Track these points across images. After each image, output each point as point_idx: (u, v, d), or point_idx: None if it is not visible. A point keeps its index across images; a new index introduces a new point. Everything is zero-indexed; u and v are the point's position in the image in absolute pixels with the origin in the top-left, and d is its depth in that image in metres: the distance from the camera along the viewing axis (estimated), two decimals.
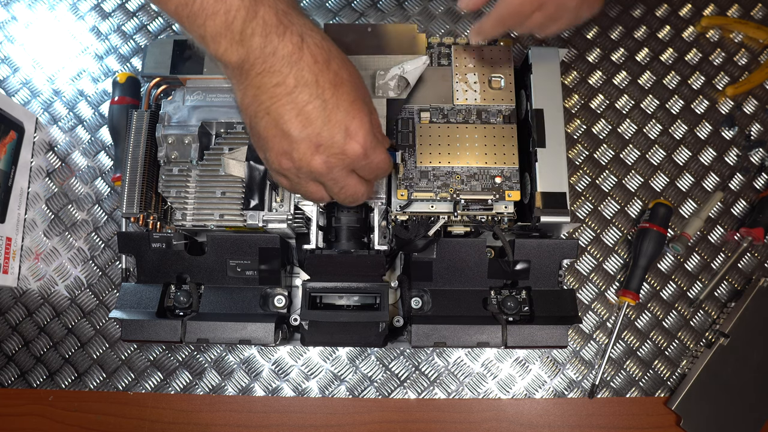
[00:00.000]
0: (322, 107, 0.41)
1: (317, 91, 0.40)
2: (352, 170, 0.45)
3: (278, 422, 0.63)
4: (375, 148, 0.44)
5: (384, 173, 0.47)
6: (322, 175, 0.44)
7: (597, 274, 0.67)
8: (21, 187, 0.68)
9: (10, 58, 0.74)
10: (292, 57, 0.40)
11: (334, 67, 0.42)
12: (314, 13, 0.75)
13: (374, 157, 0.44)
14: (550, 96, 0.57)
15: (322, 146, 0.42)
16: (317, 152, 0.42)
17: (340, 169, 0.44)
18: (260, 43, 0.39)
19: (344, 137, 0.42)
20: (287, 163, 0.43)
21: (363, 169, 0.45)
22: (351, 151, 0.42)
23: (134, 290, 0.55)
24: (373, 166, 0.45)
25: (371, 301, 0.57)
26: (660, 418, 0.63)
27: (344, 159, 0.43)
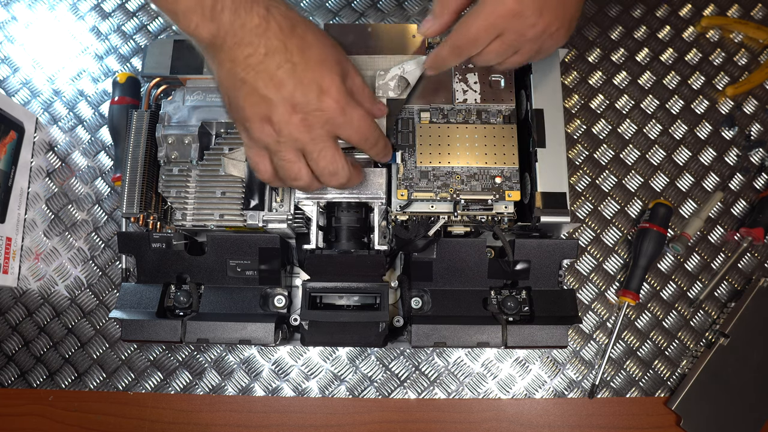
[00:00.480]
0: (293, 69, 0.43)
1: (286, 55, 0.43)
2: (334, 134, 0.46)
3: (278, 422, 0.63)
4: (351, 103, 0.45)
5: (368, 133, 0.47)
6: (303, 137, 0.45)
7: (597, 274, 0.67)
8: (21, 187, 0.68)
9: (10, 58, 0.74)
10: (259, 28, 0.42)
11: (299, 32, 0.44)
12: (314, 13, 0.75)
13: (352, 113, 0.45)
14: (550, 96, 0.57)
15: (298, 105, 0.43)
16: (294, 111, 0.44)
17: (319, 128, 0.45)
18: (229, 18, 0.41)
19: (318, 94, 0.44)
20: (268, 129, 0.45)
21: (344, 129, 0.46)
22: (326, 106, 0.44)
23: (134, 290, 0.55)
24: (354, 125, 0.46)
25: (371, 301, 0.57)
26: (660, 418, 0.63)
27: (321, 115, 0.44)
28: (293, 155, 0.46)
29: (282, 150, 0.46)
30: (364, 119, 0.46)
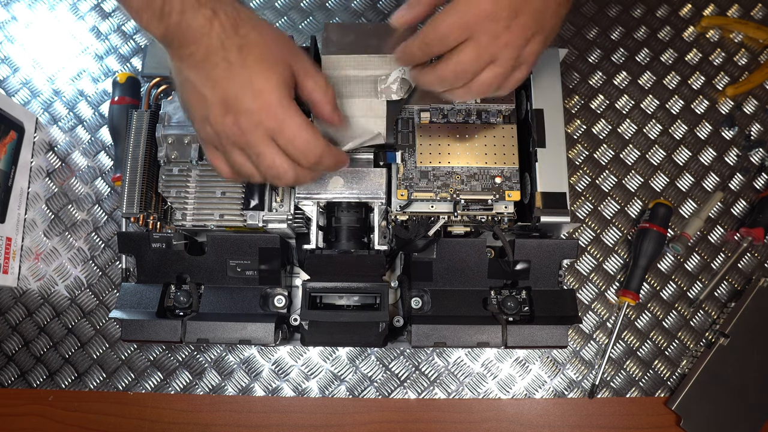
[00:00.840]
0: (228, 68, 0.43)
1: (223, 54, 0.42)
2: (271, 138, 0.44)
3: (278, 422, 0.63)
4: (287, 109, 0.43)
5: (305, 147, 0.44)
6: (238, 138, 0.44)
7: (597, 274, 0.67)
8: (21, 187, 0.68)
9: (10, 58, 0.74)
10: (203, 29, 0.42)
11: (242, 32, 0.43)
12: (314, 13, 0.75)
13: (286, 119, 0.43)
14: (550, 96, 0.57)
15: (230, 106, 0.43)
16: (227, 112, 0.43)
17: (252, 131, 0.43)
18: (177, 19, 0.42)
19: (251, 95, 0.43)
20: (209, 129, 0.45)
21: (278, 136, 0.44)
22: (256, 108, 0.43)
23: (134, 290, 0.55)
24: (286, 131, 0.43)
25: (371, 301, 0.57)
26: (660, 418, 0.63)
27: (251, 117, 0.43)
28: (239, 155, 0.46)
29: (227, 150, 0.46)
30: (302, 129, 0.44)
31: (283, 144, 0.44)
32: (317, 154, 0.45)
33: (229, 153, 0.46)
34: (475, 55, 0.44)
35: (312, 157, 0.45)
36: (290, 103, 0.44)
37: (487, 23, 0.43)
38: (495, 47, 0.43)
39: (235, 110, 0.43)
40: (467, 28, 0.43)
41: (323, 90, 0.47)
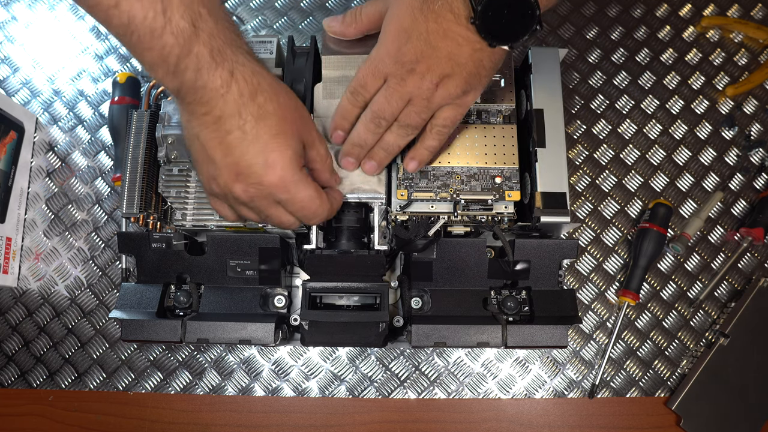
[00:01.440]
0: (242, 138, 0.43)
1: (239, 122, 0.42)
2: (277, 202, 0.46)
3: (278, 422, 0.63)
4: (298, 183, 0.45)
5: (312, 213, 0.47)
6: (247, 203, 0.45)
7: (597, 274, 0.67)
8: (21, 187, 0.68)
9: (10, 58, 0.74)
10: (220, 90, 0.41)
11: (259, 101, 0.43)
12: (314, 13, 0.75)
13: (297, 192, 0.45)
14: (550, 96, 0.57)
15: (241, 175, 0.44)
16: (237, 180, 0.44)
17: (261, 198, 0.45)
18: (192, 77, 0.41)
19: (263, 168, 0.43)
20: (216, 188, 0.46)
21: (287, 204, 0.46)
22: (268, 182, 0.44)
23: (134, 290, 0.55)
24: (296, 202, 0.46)
25: (371, 301, 0.57)
26: (660, 418, 0.63)
27: (262, 189, 0.44)
28: (245, 211, 0.47)
29: (234, 205, 0.47)
30: (310, 199, 0.46)
31: (292, 210, 0.47)
32: (322, 217, 0.49)
33: (236, 208, 0.48)
34: (384, 96, 0.47)
35: (316, 219, 0.49)
36: (301, 176, 0.45)
37: (393, 68, 0.45)
38: (404, 88, 0.46)
39: (246, 180, 0.44)
40: (379, 73, 0.46)
41: (323, 159, 0.49)
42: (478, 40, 0.43)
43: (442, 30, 0.43)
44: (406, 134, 0.49)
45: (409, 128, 0.49)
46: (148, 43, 0.39)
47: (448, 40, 0.43)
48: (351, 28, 0.50)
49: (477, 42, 0.43)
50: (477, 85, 0.47)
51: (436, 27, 0.43)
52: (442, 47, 0.44)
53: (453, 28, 0.43)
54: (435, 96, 0.46)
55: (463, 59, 0.44)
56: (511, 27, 0.43)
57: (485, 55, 0.45)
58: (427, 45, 0.44)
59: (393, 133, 0.49)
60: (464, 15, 0.42)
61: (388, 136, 0.50)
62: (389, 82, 0.46)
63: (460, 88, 0.46)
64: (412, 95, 0.46)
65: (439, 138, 0.50)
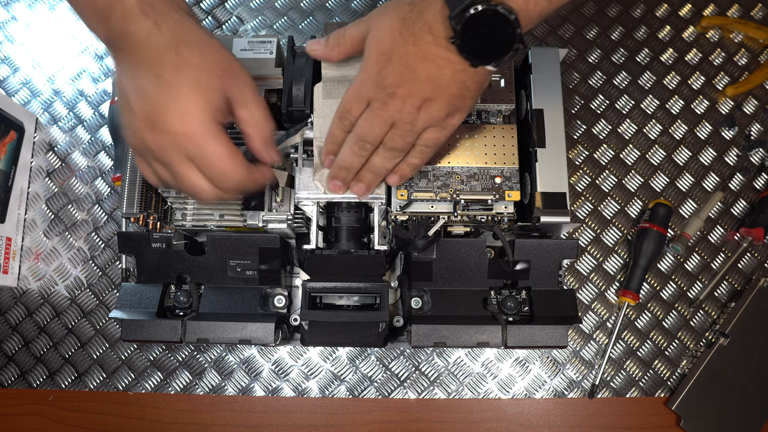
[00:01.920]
0: (158, 85, 0.42)
1: (157, 71, 0.42)
2: (190, 159, 0.44)
3: (278, 422, 0.63)
4: (207, 136, 0.43)
5: (221, 173, 0.44)
6: (159, 156, 0.44)
7: (597, 274, 0.67)
8: (21, 187, 0.68)
9: (10, 58, 0.74)
10: (143, 40, 0.42)
11: (182, 51, 0.43)
12: (314, 13, 0.75)
13: (206, 146, 0.43)
14: (550, 96, 0.57)
15: (153, 123, 0.43)
16: (149, 129, 0.43)
17: (172, 151, 0.43)
18: (119, 25, 0.42)
19: (173, 116, 0.42)
20: (134, 139, 0.45)
21: (196, 160, 0.44)
22: (175, 130, 0.42)
23: (134, 290, 0.55)
24: (204, 157, 0.43)
25: (371, 301, 0.57)
26: (660, 418, 0.63)
27: (170, 138, 0.43)
28: (160, 169, 0.46)
29: (149, 162, 0.46)
30: (220, 156, 0.44)
31: (202, 169, 0.44)
32: (236, 181, 0.45)
33: (152, 165, 0.46)
34: (367, 120, 0.47)
35: (230, 184, 0.45)
36: (214, 130, 0.43)
37: (374, 92, 0.45)
38: (386, 112, 0.45)
39: (158, 128, 0.43)
40: (362, 98, 0.46)
41: (257, 124, 0.47)
42: (460, 60, 0.43)
43: (422, 52, 0.43)
44: (393, 157, 0.49)
45: (395, 151, 0.48)
46: None
47: (427, 62, 0.43)
48: (334, 51, 0.49)
49: (458, 63, 0.43)
50: (461, 107, 0.46)
51: (415, 50, 0.43)
52: (422, 70, 0.43)
53: (432, 50, 0.43)
54: (418, 119, 0.45)
55: (445, 81, 0.44)
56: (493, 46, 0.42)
57: (468, 76, 0.44)
58: (407, 68, 0.43)
59: (380, 156, 0.49)
60: (444, 36, 0.42)
61: (375, 158, 0.49)
62: (372, 106, 0.46)
63: (444, 111, 0.45)
64: (395, 119, 0.46)
65: (421, 157, 0.50)
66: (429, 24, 0.42)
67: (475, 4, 0.40)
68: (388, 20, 0.44)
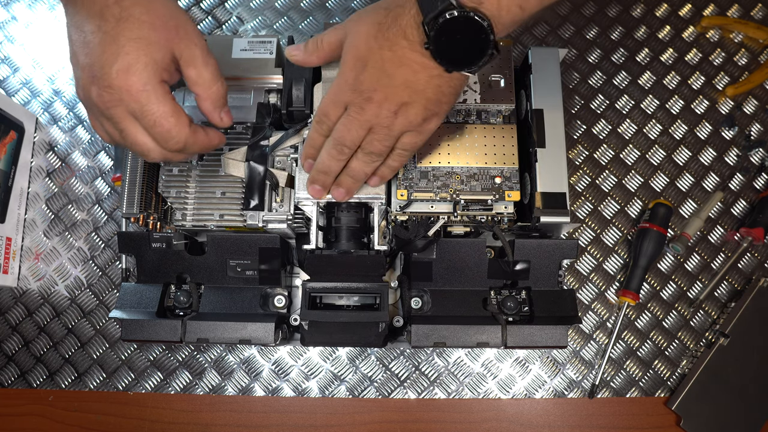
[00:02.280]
0: (101, 38, 0.42)
1: (100, 23, 0.42)
2: (134, 117, 0.44)
3: (278, 422, 0.63)
4: (150, 94, 0.43)
5: (165, 132, 0.44)
6: (104, 112, 0.43)
7: (597, 274, 0.67)
8: (21, 187, 0.68)
9: (10, 58, 0.74)
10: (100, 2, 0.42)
11: (125, 4, 0.42)
12: (314, 13, 0.75)
13: (148, 103, 0.43)
14: (550, 96, 0.57)
15: (95, 77, 0.42)
16: (93, 83, 0.43)
17: (115, 107, 0.43)
18: None
19: (115, 71, 0.42)
20: (80, 92, 0.45)
21: (140, 117, 0.43)
22: (117, 86, 0.42)
23: (134, 290, 0.55)
24: (147, 115, 0.43)
25: (371, 301, 0.57)
26: (660, 418, 0.63)
27: (113, 94, 0.42)
28: (108, 125, 0.45)
29: (97, 116, 0.45)
30: (163, 115, 0.43)
31: (146, 127, 0.44)
32: (180, 142, 0.45)
33: (100, 121, 0.46)
34: (344, 124, 0.47)
35: (174, 145, 0.45)
36: (156, 87, 0.43)
37: (351, 96, 0.45)
38: (363, 116, 0.45)
39: (100, 83, 0.42)
40: (339, 102, 0.46)
41: (206, 84, 0.46)
42: (435, 66, 0.43)
43: (397, 57, 0.43)
44: (371, 161, 0.49)
45: (373, 155, 0.48)
46: None
47: (403, 67, 0.43)
48: (313, 56, 0.50)
49: (434, 68, 0.43)
50: (438, 112, 0.46)
51: (391, 55, 0.43)
52: (398, 75, 0.43)
53: (408, 54, 0.43)
54: (395, 124, 0.45)
55: (421, 86, 0.44)
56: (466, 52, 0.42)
57: (443, 81, 0.44)
58: (383, 73, 0.43)
59: (359, 161, 0.49)
60: (418, 41, 0.42)
61: (354, 163, 0.49)
62: (349, 111, 0.46)
63: (420, 116, 0.45)
64: (372, 124, 0.46)
65: (400, 160, 0.50)
66: (403, 29, 0.42)
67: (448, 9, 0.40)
68: (364, 25, 0.45)
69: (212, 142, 0.49)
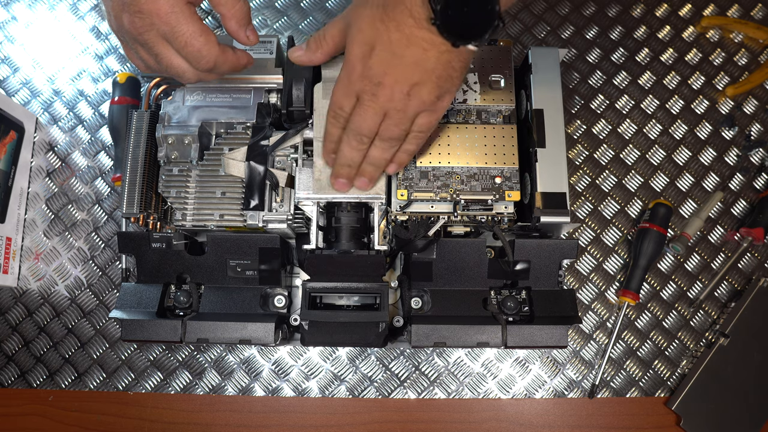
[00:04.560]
0: None
1: None
2: (166, 40, 0.45)
3: (278, 422, 0.63)
4: (179, 15, 0.44)
5: (196, 52, 0.46)
6: (137, 38, 0.45)
7: (597, 274, 0.67)
8: (21, 187, 0.68)
9: (10, 58, 0.74)
10: None
11: None
12: (314, 13, 0.75)
13: (177, 25, 0.44)
14: (550, 96, 0.57)
15: (126, 4, 0.43)
16: (124, 10, 0.44)
17: (147, 32, 0.44)
18: None
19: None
20: (113, 21, 0.46)
21: (171, 39, 0.45)
22: (147, 9, 0.43)
23: (134, 290, 0.55)
24: (178, 36, 0.44)
25: (371, 301, 0.57)
26: (660, 418, 0.63)
27: (143, 18, 0.44)
28: (143, 52, 0.47)
29: (132, 46, 0.47)
30: (192, 34, 0.45)
31: (177, 48, 0.45)
32: (211, 61, 0.47)
33: (135, 49, 0.47)
34: (359, 114, 0.46)
35: (206, 64, 0.47)
36: (184, 8, 0.44)
37: (361, 84, 0.45)
38: (377, 103, 0.45)
39: (130, 9, 0.44)
40: (351, 92, 0.46)
41: (230, 3, 0.47)
42: (443, 42, 0.42)
43: (405, 37, 0.43)
44: (390, 147, 0.49)
45: (392, 141, 0.49)
46: None
47: (412, 46, 0.43)
48: (317, 54, 0.50)
49: (442, 44, 0.43)
50: (450, 88, 0.46)
51: (398, 36, 0.43)
52: (408, 55, 0.43)
53: (415, 33, 0.42)
54: (409, 106, 0.45)
55: (431, 64, 0.44)
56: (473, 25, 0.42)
57: (453, 56, 0.44)
58: (392, 55, 0.43)
59: (377, 148, 0.49)
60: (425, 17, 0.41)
61: (373, 151, 0.49)
62: (362, 99, 0.46)
63: (434, 94, 0.45)
64: (387, 108, 0.46)
65: (416, 142, 0.50)
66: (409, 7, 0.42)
67: None
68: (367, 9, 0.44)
69: (241, 61, 0.50)
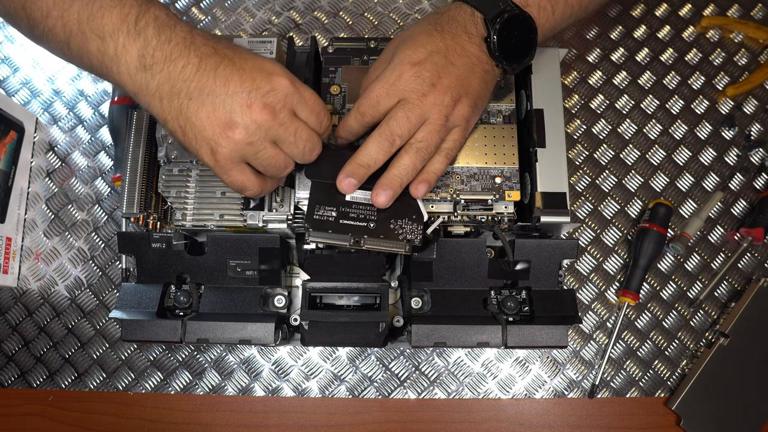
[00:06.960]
0: (232, 64, 0.43)
1: (219, 57, 0.43)
2: (295, 114, 0.44)
3: (278, 422, 0.63)
4: (297, 83, 0.44)
5: (325, 116, 0.46)
6: (270, 124, 0.43)
7: (597, 274, 0.67)
8: (21, 187, 0.68)
9: (10, 58, 0.74)
10: (186, 41, 0.42)
11: (223, 44, 0.44)
12: (314, 13, 0.75)
13: (303, 90, 0.44)
14: (550, 96, 0.57)
15: (251, 93, 0.42)
16: (251, 99, 0.42)
17: (280, 109, 0.43)
18: (154, 33, 0.42)
19: (265, 76, 0.43)
20: (235, 133, 0.42)
21: (302, 108, 0.44)
22: (277, 84, 0.43)
23: (134, 290, 0.55)
24: (308, 102, 0.45)
25: (371, 301, 0.57)
26: (660, 418, 0.63)
27: (276, 94, 0.43)
28: (272, 148, 0.44)
29: (259, 148, 0.44)
30: (315, 96, 0.45)
31: (306, 114, 0.45)
32: (329, 117, 0.47)
33: (261, 151, 0.44)
34: (404, 113, 0.46)
35: (327, 121, 0.47)
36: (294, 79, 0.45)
37: (412, 83, 0.45)
38: (423, 105, 0.45)
39: (259, 95, 0.42)
40: (396, 92, 0.46)
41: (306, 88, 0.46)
42: (488, 60, 0.45)
43: (460, 47, 0.44)
44: (422, 158, 0.47)
45: (423, 151, 0.47)
46: (108, 4, 0.41)
47: (464, 58, 0.44)
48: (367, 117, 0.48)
49: (487, 62, 0.45)
50: (481, 108, 0.48)
51: (453, 44, 0.44)
52: (460, 64, 0.44)
53: (468, 47, 0.44)
54: (453, 115, 0.46)
55: (475, 79, 0.45)
56: (516, 49, 0.45)
57: (490, 76, 0.46)
58: (447, 61, 0.44)
59: (409, 155, 0.47)
60: (477, 35, 0.44)
61: (405, 158, 0.47)
62: (408, 99, 0.45)
63: (470, 110, 0.46)
64: (430, 113, 0.46)
65: (446, 162, 0.49)
66: (463, 25, 0.44)
67: (508, 9, 0.44)
68: (419, 27, 0.46)
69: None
